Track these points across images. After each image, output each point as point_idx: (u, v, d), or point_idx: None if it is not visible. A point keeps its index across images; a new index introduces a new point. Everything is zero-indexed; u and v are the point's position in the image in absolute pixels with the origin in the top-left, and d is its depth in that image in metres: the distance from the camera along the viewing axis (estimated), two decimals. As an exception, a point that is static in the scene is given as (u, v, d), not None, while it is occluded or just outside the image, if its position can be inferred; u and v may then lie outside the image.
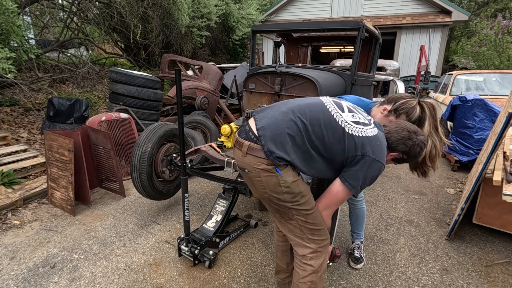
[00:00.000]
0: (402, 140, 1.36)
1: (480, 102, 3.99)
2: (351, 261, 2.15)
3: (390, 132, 1.40)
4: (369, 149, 1.26)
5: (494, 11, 12.36)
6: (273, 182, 1.30)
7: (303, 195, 1.34)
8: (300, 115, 1.30)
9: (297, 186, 1.32)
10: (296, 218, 1.38)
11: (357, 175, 1.27)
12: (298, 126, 1.28)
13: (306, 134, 1.28)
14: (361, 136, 1.28)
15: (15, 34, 3.50)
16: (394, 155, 1.41)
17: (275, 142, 1.27)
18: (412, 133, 1.36)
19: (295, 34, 4.88)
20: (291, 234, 1.44)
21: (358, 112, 1.40)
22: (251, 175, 1.35)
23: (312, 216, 1.38)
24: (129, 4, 6.17)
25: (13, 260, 2.15)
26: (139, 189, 2.56)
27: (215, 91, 5.17)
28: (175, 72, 1.79)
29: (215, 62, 8.48)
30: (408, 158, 1.40)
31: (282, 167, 1.28)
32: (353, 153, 1.27)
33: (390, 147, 1.38)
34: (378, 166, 1.28)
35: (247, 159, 1.34)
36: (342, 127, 1.29)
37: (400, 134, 1.37)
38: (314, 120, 1.29)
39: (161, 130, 2.59)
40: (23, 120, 4.53)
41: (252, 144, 1.31)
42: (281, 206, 1.36)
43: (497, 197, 2.29)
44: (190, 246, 2.09)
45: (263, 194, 1.37)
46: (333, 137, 1.27)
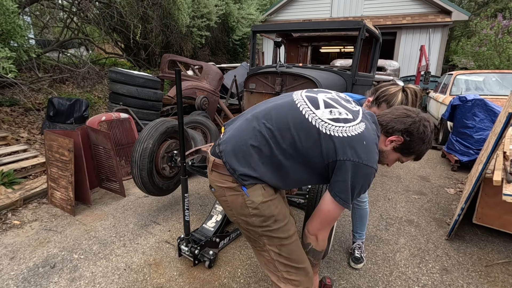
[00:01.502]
0: (398, 118, 1.14)
1: (480, 102, 3.99)
2: (351, 261, 2.15)
3: (384, 114, 1.20)
4: (352, 152, 1.04)
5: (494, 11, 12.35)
6: (239, 203, 1.11)
7: (276, 220, 1.12)
8: (265, 121, 1.11)
9: (268, 208, 1.10)
10: (268, 249, 1.16)
11: (345, 185, 1.05)
12: (263, 134, 1.09)
13: (274, 142, 1.08)
14: (340, 136, 1.06)
15: (18, 34, 3.50)
16: (394, 140, 1.16)
17: (237, 157, 1.09)
18: (410, 111, 1.16)
19: (295, 34, 4.88)
20: (265, 268, 1.23)
21: (340, 105, 1.16)
22: (217, 194, 1.18)
23: (287, 249, 1.15)
24: (129, 4, 6.17)
25: (13, 260, 2.15)
26: (139, 185, 2.56)
27: (215, 91, 5.17)
28: (175, 72, 1.79)
29: (215, 62, 8.48)
30: (412, 140, 1.14)
31: (250, 185, 1.09)
32: (333, 158, 1.06)
33: (386, 130, 1.16)
34: (366, 171, 1.05)
35: (213, 176, 1.17)
36: (317, 127, 1.07)
37: (395, 113, 1.17)
38: (281, 124, 1.09)
39: (163, 127, 2.59)
40: (23, 120, 4.53)
41: (216, 160, 1.14)
42: (250, 231, 1.16)
43: (497, 197, 2.29)
44: (190, 246, 2.09)
45: (231, 216, 1.18)
46: (307, 141, 1.07)
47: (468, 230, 2.64)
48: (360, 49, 3.19)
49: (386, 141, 1.18)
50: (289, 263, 1.16)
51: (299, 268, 1.17)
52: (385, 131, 1.17)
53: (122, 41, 7.88)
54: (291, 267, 1.17)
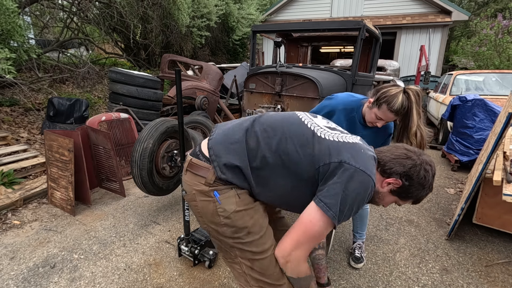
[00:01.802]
0: (397, 159, 1.03)
1: (480, 102, 3.99)
2: (352, 260, 2.15)
3: (382, 152, 1.08)
4: (349, 155, 0.94)
5: (494, 11, 12.36)
6: (210, 210, 1.02)
7: (249, 232, 1.01)
8: (258, 121, 1.08)
9: (241, 218, 1.00)
10: (240, 261, 1.06)
11: (335, 190, 0.91)
12: (254, 130, 1.04)
13: (264, 137, 1.01)
14: (336, 140, 0.99)
15: (18, 34, 3.50)
16: (391, 182, 1.04)
17: (224, 145, 1.03)
18: (410, 152, 1.05)
19: (295, 34, 4.88)
20: (236, 281, 1.15)
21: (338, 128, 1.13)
22: (187, 199, 1.09)
23: (261, 264, 1.03)
24: (129, 4, 6.17)
25: (13, 260, 2.15)
26: (139, 184, 2.56)
27: (215, 91, 5.17)
28: (175, 72, 1.79)
29: (215, 62, 8.48)
30: (411, 185, 1.02)
31: (224, 190, 0.99)
32: (325, 160, 0.95)
33: (384, 170, 1.04)
34: (363, 178, 0.92)
35: (186, 177, 1.09)
36: (312, 129, 1.02)
37: (395, 152, 1.06)
38: (275, 123, 1.05)
39: (163, 127, 2.59)
40: (23, 120, 4.53)
41: (193, 159, 1.07)
42: (222, 241, 1.07)
43: (497, 197, 2.29)
44: (190, 246, 2.09)
45: (202, 223, 1.09)
46: (299, 140, 0.99)
47: (468, 230, 2.64)
48: (360, 49, 3.19)
49: (383, 182, 1.05)
50: (263, 279, 1.04)
51: (274, 285, 1.05)
52: (382, 170, 1.05)
53: (122, 41, 7.88)
54: (264, 283, 1.05)
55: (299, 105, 2.99)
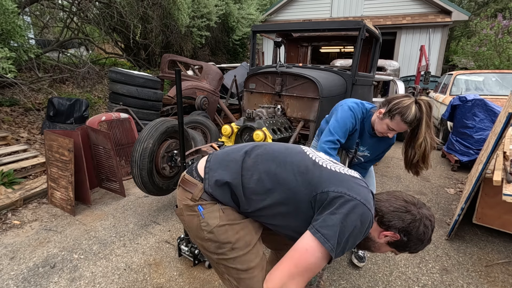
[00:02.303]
0: (396, 212, 0.98)
1: (480, 102, 3.99)
2: (354, 258, 2.15)
3: (381, 201, 1.03)
4: (350, 188, 0.91)
5: (494, 11, 12.36)
6: (194, 224, 1.01)
7: (233, 248, 0.97)
8: (258, 146, 1.09)
9: (224, 233, 0.96)
10: (227, 278, 1.03)
11: (333, 221, 0.85)
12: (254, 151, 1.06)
13: (262, 161, 1.01)
14: (337, 171, 0.97)
15: (18, 34, 3.50)
16: (389, 235, 1.00)
17: (220, 162, 1.04)
18: (410, 204, 1.00)
19: (295, 34, 4.88)
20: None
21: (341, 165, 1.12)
22: (177, 213, 1.09)
23: (246, 283, 0.99)
24: (129, 4, 6.17)
25: (13, 260, 2.15)
26: (139, 184, 2.56)
27: (215, 91, 5.17)
28: (175, 72, 1.79)
29: (215, 62, 8.48)
30: (410, 241, 0.99)
31: (208, 205, 0.98)
32: (324, 188, 0.91)
33: (382, 222, 1.00)
34: (363, 212, 0.88)
35: (178, 192, 1.10)
36: (313, 159, 1.01)
37: (393, 204, 1.00)
38: (276, 150, 1.06)
39: (163, 127, 2.59)
40: (23, 120, 4.53)
41: (186, 175, 1.08)
42: (208, 257, 1.05)
43: (497, 197, 2.29)
44: (190, 246, 2.09)
45: (191, 238, 1.08)
46: (299, 167, 0.97)
47: (468, 230, 2.64)
48: (360, 49, 3.19)
49: (380, 234, 1.01)
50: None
51: None
52: (380, 221, 1.01)
53: (122, 41, 7.88)
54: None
55: (299, 105, 2.99)
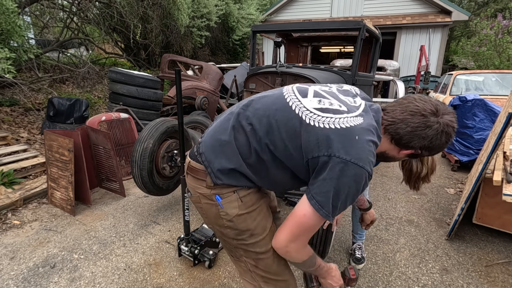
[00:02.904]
0: (416, 132, 0.90)
1: (480, 102, 3.99)
2: (352, 261, 2.15)
3: (396, 122, 0.93)
4: (339, 147, 0.85)
5: (494, 11, 12.36)
6: (213, 212, 1.03)
7: (252, 234, 1.02)
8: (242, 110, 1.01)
9: (243, 222, 1.00)
10: (245, 260, 1.08)
11: (326, 187, 0.85)
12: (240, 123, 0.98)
13: (251, 130, 0.96)
14: (326, 127, 0.87)
15: (18, 34, 3.50)
16: (409, 152, 0.98)
17: (214, 148, 0.99)
18: (429, 116, 0.89)
19: (295, 34, 4.88)
20: (242, 277, 1.16)
21: (334, 97, 0.98)
22: (193, 200, 1.09)
23: (265, 263, 1.05)
24: (129, 4, 6.17)
25: (13, 260, 2.15)
26: (139, 184, 2.56)
27: (215, 91, 5.17)
28: (175, 72, 1.79)
29: (215, 62, 8.48)
30: (431, 152, 0.96)
31: (226, 194, 0.99)
32: (314, 153, 0.87)
33: (400, 143, 0.94)
34: (356, 171, 0.84)
35: (188, 180, 1.09)
36: (299, 116, 0.91)
37: (412, 123, 0.90)
38: (261, 111, 0.97)
39: (163, 127, 2.59)
40: (23, 120, 4.53)
41: (192, 162, 1.06)
42: (226, 241, 1.08)
43: (497, 197, 2.28)
44: (190, 246, 2.09)
45: (208, 224, 1.11)
46: (286, 131, 0.91)
47: (468, 230, 2.64)
48: (360, 49, 3.19)
49: (399, 152, 0.99)
50: (267, 276, 1.08)
51: (278, 280, 1.09)
52: (396, 142, 0.96)
53: (122, 41, 7.88)
54: (270, 279, 1.08)
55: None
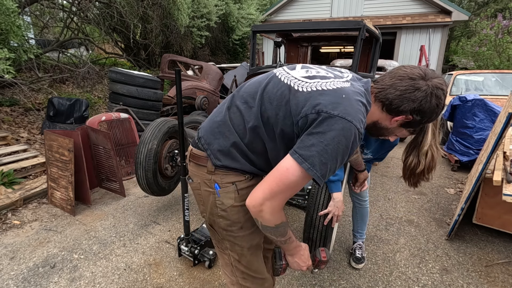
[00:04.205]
0: (404, 95, 0.90)
1: (480, 102, 3.99)
2: (352, 260, 2.15)
3: (385, 89, 0.94)
4: (327, 103, 0.84)
5: (494, 11, 12.36)
6: (210, 201, 1.05)
7: (241, 227, 1.05)
8: (237, 92, 1.05)
9: (236, 213, 1.03)
10: (229, 253, 1.11)
11: (310, 141, 0.82)
12: (235, 104, 1.00)
13: (246, 107, 0.97)
14: (314, 90, 0.88)
15: (15, 34, 3.50)
16: (400, 119, 0.96)
17: (212, 130, 1.03)
18: (417, 80, 0.90)
19: (295, 34, 4.88)
20: (222, 269, 1.21)
21: (323, 69, 1.00)
22: (193, 186, 1.12)
23: (247, 260, 1.10)
24: (129, 4, 6.17)
25: (13, 260, 2.15)
26: (143, 185, 2.56)
27: (215, 91, 5.17)
28: (175, 72, 1.79)
29: (215, 62, 8.49)
30: (424, 117, 0.94)
31: (224, 184, 1.01)
32: (303, 113, 0.86)
33: (391, 109, 0.94)
34: (343, 126, 0.81)
35: (190, 167, 1.11)
36: (288, 84, 0.93)
37: (400, 86, 0.91)
38: (254, 88, 0.99)
39: (165, 127, 2.59)
40: (23, 120, 4.53)
41: (194, 149, 1.08)
42: (215, 231, 1.11)
43: (497, 197, 2.29)
44: (190, 246, 2.09)
45: (202, 212, 1.13)
46: (276, 100, 0.92)
47: (468, 230, 2.64)
48: (360, 49, 3.19)
49: (391, 121, 0.99)
50: (247, 271, 1.11)
51: (256, 278, 1.13)
52: (387, 109, 0.95)
53: (122, 41, 7.88)
54: (248, 275, 1.12)
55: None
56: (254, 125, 0.95)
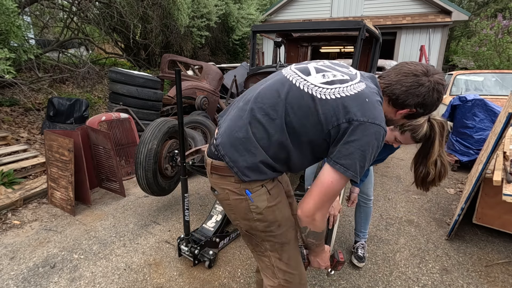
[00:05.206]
0: (410, 90, 0.99)
1: (480, 102, 3.99)
2: (354, 258, 2.15)
3: (392, 84, 1.03)
4: (356, 110, 0.91)
5: (494, 11, 12.36)
6: (243, 207, 1.06)
7: (279, 225, 1.09)
8: (254, 104, 1.03)
9: (272, 213, 1.07)
10: (269, 254, 1.14)
11: (349, 150, 0.91)
12: (256, 117, 1.00)
13: (268, 120, 0.99)
14: (338, 97, 0.94)
15: (15, 34, 3.50)
16: (404, 112, 1.05)
17: (235, 147, 1.01)
18: (421, 76, 0.99)
19: (295, 34, 4.88)
20: (262, 272, 1.22)
21: (334, 69, 1.04)
22: (220, 198, 1.13)
23: (288, 254, 1.13)
24: (129, 4, 6.17)
25: (13, 260, 2.15)
26: (143, 185, 2.55)
27: (215, 91, 5.17)
28: (175, 72, 1.79)
29: (215, 62, 8.48)
30: (426, 110, 1.04)
31: (255, 188, 1.03)
32: (334, 123, 0.92)
33: (397, 103, 1.03)
34: (375, 130, 0.91)
35: (213, 179, 1.12)
36: (310, 93, 0.96)
37: (405, 82, 1.00)
38: (273, 99, 1.00)
39: (165, 127, 2.59)
40: (23, 120, 4.53)
41: (214, 161, 1.08)
42: (253, 235, 1.13)
43: (497, 197, 2.28)
44: (190, 246, 2.09)
45: (234, 220, 1.15)
46: (301, 111, 0.96)
47: (468, 230, 2.64)
48: (360, 49, 3.19)
49: (396, 113, 1.07)
50: (287, 270, 1.14)
51: (295, 275, 1.16)
52: (393, 103, 1.04)
53: (122, 41, 7.88)
54: (289, 274, 1.14)
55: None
56: (279, 138, 0.98)
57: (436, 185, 1.33)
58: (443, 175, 1.29)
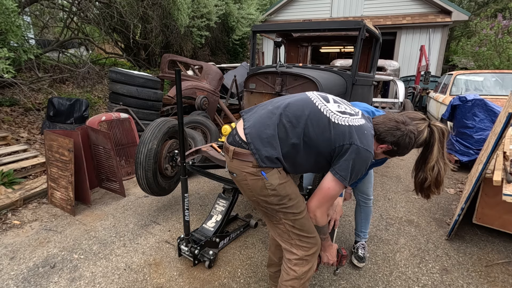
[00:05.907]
0: (390, 131, 1.34)
1: (480, 102, 3.99)
2: (355, 258, 2.15)
3: (378, 124, 1.37)
4: (356, 138, 1.24)
5: (494, 11, 12.36)
6: (259, 185, 1.30)
7: (290, 198, 1.33)
8: (283, 111, 1.30)
9: (283, 189, 1.31)
10: (284, 222, 1.37)
11: (347, 165, 1.24)
12: (282, 121, 1.28)
13: (290, 126, 1.27)
14: (347, 125, 1.27)
15: (14, 34, 3.50)
16: (384, 147, 1.38)
17: (261, 139, 1.27)
18: (400, 123, 1.34)
19: (295, 34, 4.88)
20: (279, 238, 1.44)
21: (344, 103, 1.40)
22: (239, 179, 1.37)
23: (300, 222, 1.36)
24: (129, 4, 6.17)
25: (13, 260, 2.15)
26: (143, 186, 2.55)
27: (215, 91, 5.17)
28: (175, 72, 1.79)
29: (215, 62, 8.48)
30: (399, 149, 1.37)
31: (268, 169, 1.28)
32: (340, 143, 1.25)
33: (379, 138, 1.37)
34: (366, 154, 1.25)
35: (234, 163, 1.35)
36: (327, 116, 1.28)
37: (388, 125, 1.35)
38: (298, 112, 1.29)
39: (165, 127, 2.59)
40: (23, 120, 4.53)
41: (237, 149, 1.32)
42: (268, 209, 1.37)
43: (497, 197, 2.29)
44: (190, 246, 2.09)
45: (251, 197, 1.39)
46: (318, 128, 1.26)
47: (468, 230, 2.64)
48: (360, 49, 3.19)
49: (378, 147, 1.39)
50: (301, 233, 1.37)
51: (310, 237, 1.39)
52: (377, 138, 1.37)
53: (122, 41, 7.88)
54: (303, 236, 1.38)
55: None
56: (295, 142, 1.27)
57: (436, 192, 1.48)
58: (439, 182, 1.45)
